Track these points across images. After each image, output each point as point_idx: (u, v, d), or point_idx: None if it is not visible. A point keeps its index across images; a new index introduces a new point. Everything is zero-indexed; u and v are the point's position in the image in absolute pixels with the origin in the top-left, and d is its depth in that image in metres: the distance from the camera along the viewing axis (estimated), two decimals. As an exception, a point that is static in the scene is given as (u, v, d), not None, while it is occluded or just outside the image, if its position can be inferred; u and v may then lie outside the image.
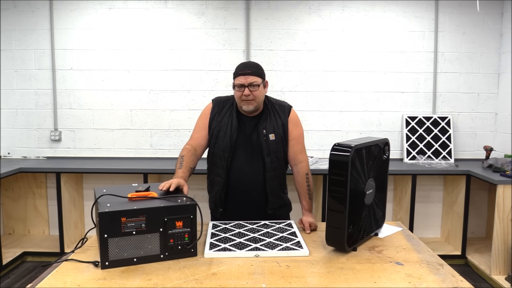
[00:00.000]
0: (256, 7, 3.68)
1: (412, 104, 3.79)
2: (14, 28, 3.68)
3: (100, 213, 1.41)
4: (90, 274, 1.40)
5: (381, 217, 1.88)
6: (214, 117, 2.06)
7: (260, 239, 1.69)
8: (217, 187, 2.06)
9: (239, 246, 1.61)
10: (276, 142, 2.02)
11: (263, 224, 1.89)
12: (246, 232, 1.78)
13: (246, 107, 1.98)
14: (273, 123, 2.03)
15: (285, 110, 2.08)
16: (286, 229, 1.82)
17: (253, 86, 1.94)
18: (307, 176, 2.06)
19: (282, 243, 1.64)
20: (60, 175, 3.39)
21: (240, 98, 1.97)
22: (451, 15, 3.71)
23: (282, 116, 2.05)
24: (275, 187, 2.05)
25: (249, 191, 2.03)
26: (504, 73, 3.69)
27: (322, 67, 3.74)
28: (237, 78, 1.96)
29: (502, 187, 3.00)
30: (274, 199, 2.06)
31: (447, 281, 1.37)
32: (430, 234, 3.90)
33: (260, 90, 1.97)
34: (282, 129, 2.03)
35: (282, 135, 2.03)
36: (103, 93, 3.74)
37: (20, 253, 3.45)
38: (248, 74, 1.94)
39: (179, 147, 3.77)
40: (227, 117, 2.04)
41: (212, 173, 2.10)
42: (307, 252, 1.57)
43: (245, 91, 1.93)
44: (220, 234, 1.76)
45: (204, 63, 3.72)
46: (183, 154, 2.00)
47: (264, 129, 2.01)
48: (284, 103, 2.12)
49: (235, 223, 1.91)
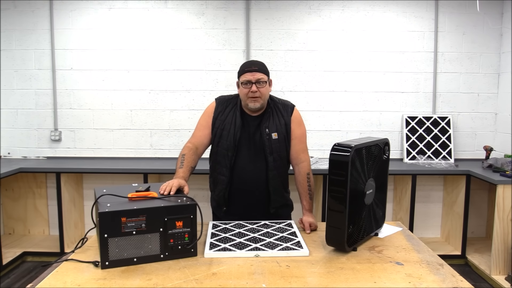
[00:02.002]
0: (256, 7, 3.68)
1: (412, 104, 3.79)
2: (14, 28, 3.68)
3: (100, 213, 1.41)
4: (90, 274, 1.40)
5: (381, 217, 1.88)
6: (218, 115, 2.05)
7: (260, 239, 1.69)
8: (220, 186, 2.05)
9: (239, 246, 1.61)
10: (279, 141, 2.02)
11: (263, 224, 1.89)
12: (246, 232, 1.78)
13: (253, 105, 1.96)
14: (276, 122, 2.03)
15: (288, 109, 2.08)
16: (286, 229, 1.82)
17: (260, 83, 1.94)
18: (308, 176, 2.05)
19: (282, 243, 1.64)
20: (60, 175, 3.39)
21: (247, 95, 1.95)
22: (451, 15, 3.71)
23: (285, 115, 2.05)
24: (277, 186, 2.05)
25: (252, 190, 2.03)
26: (504, 73, 3.69)
27: (322, 67, 3.74)
28: (243, 75, 1.96)
29: (502, 187, 3.00)
30: (277, 198, 2.06)
31: (447, 281, 1.37)
32: (430, 234, 3.90)
33: (266, 88, 1.97)
34: (285, 128, 2.03)
35: (285, 134, 2.03)
36: (103, 93, 3.74)
37: (20, 253, 3.45)
38: (255, 71, 1.94)
39: (179, 147, 3.77)
40: (230, 116, 2.03)
41: (215, 171, 2.09)
42: (307, 252, 1.57)
43: (252, 87, 1.93)
44: (220, 234, 1.76)
45: (204, 63, 3.72)
46: (184, 152, 1.98)
47: (267, 128, 2.00)
48: (287, 102, 2.12)
49: (235, 223, 1.91)
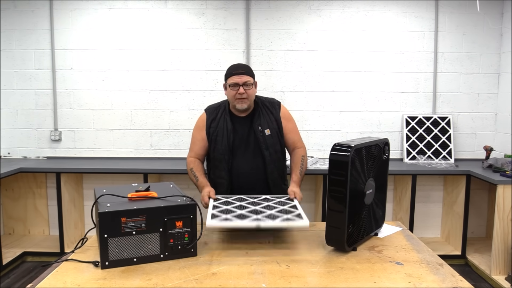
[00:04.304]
0: (256, 7, 3.68)
1: (412, 104, 3.79)
2: (14, 28, 3.68)
3: (100, 213, 1.42)
4: (90, 274, 1.40)
5: (381, 217, 1.88)
6: (211, 124, 2.16)
7: (261, 211, 1.71)
8: (221, 189, 2.14)
9: (240, 217, 1.63)
10: (272, 136, 2.13)
11: (264, 198, 1.94)
12: (247, 205, 1.81)
13: (240, 105, 2.08)
14: (267, 119, 2.15)
15: (276, 106, 2.20)
16: (286, 202, 1.87)
17: (247, 85, 2.07)
18: (303, 158, 2.18)
19: (282, 215, 1.66)
20: (60, 175, 3.39)
21: (234, 97, 2.08)
22: (451, 15, 3.71)
23: (274, 112, 2.18)
24: (275, 179, 2.16)
25: (252, 187, 2.11)
26: (504, 73, 3.69)
27: (322, 67, 3.74)
28: (231, 78, 2.09)
29: (502, 187, 3.00)
30: (277, 190, 2.16)
31: (447, 281, 1.37)
32: (430, 234, 3.90)
33: (252, 89, 2.10)
34: (276, 124, 2.15)
35: (277, 130, 2.15)
36: (103, 93, 3.74)
37: (20, 253, 3.44)
38: (242, 73, 2.08)
39: (179, 147, 3.78)
40: (222, 122, 2.14)
41: (214, 175, 2.18)
42: (307, 223, 1.59)
43: (239, 89, 2.05)
44: (222, 206, 1.79)
45: (204, 63, 3.72)
46: (191, 166, 2.15)
47: (259, 126, 2.12)
48: (273, 100, 2.25)
49: (237, 197, 1.96)
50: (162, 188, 1.75)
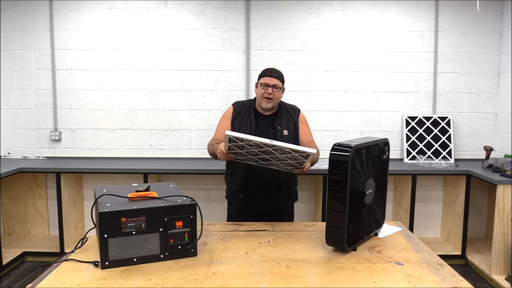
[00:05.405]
0: (256, 7, 3.68)
1: (412, 104, 3.79)
2: (14, 28, 3.68)
3: (100, 213, 1.42)
4: (90, 274, 1.40)
5: (381, 217, 1.88)
6: (236, 116, 2.35)
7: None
8: (238, 175, 2.31)
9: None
10: (289, 137, 2.30)
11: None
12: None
13: (265, 104, 2.27)
14: (286, 121, 2.34)
15: (296, 112, 2.42)
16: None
17: (276, 88, 2.26)
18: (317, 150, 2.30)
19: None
20: (60, 175, 3.39)
21: (262, 95, 2.26)
22: (451, 15, 3.71)
23: (294, 116, 2.38)
24: (286, 176, 2.30)
25: (265, 179, 2.27)
26: (504, 73, 3.69)
27: (322, 67, 3.74)
28: (264, 78, 2.27)
29: (502, 187, 3.00)
30: (285, 185, 2.31)
31: (446, 281, 1.37)
32: (430, 234, 3.90)
33: (279, 93, 2.30)
34: (293, 127, 2.35)
35: (293, 132, 2.34)
36: (103, 93, 3.74)
37: (20, 253, 3.44)
38: (274, 77, 2.26)
39: (179, 147, 3.78)
40: (246, 116, 2.33)
41: (233, 164, 2.30)
42: (314, 151, 1.75)
43: (268, 89, 2.24)
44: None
45: (204, 63, 3.72)
46: (212, 143, 2.30)
47: (279, 126, 2.31)
48: (294, 106, 2.46)
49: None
50: (162, 188, 1.75)
